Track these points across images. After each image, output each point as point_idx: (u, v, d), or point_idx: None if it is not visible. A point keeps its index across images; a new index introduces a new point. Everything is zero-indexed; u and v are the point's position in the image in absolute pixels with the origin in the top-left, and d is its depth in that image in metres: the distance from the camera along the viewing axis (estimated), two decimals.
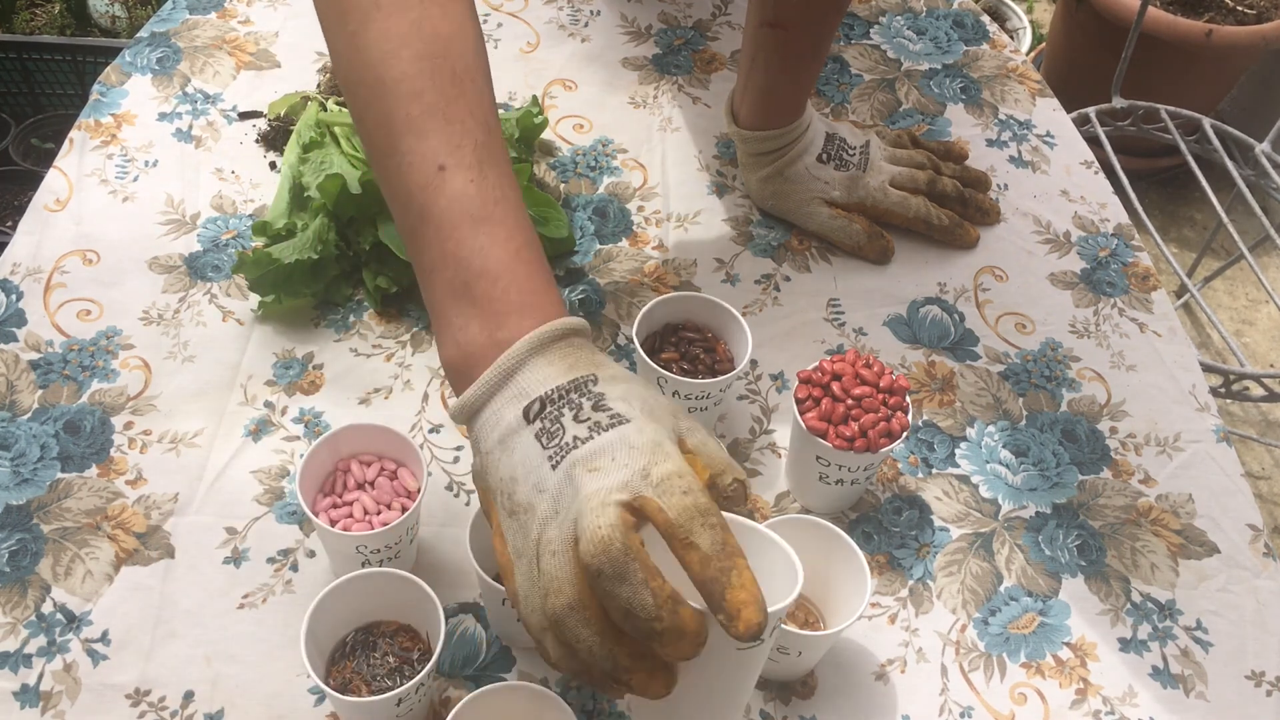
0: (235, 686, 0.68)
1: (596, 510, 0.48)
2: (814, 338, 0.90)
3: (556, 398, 0.52)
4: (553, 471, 0.51)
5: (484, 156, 0.56)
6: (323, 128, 0.91)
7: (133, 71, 1.03)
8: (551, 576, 0.49)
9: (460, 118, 0.56)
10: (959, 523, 0.79)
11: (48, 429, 0.78)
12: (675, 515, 0.48)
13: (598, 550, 0.48)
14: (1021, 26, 2.26)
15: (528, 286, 0.55)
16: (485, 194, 0.56)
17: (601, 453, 0.50)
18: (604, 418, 0.52)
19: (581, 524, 0.49)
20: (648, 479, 0.49)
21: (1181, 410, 0.87)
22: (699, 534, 0.48)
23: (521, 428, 0.53)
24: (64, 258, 0.88)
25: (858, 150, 0.96)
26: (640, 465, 0.50)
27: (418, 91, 0.56)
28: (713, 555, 0.48)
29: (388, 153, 0.57)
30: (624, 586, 0.47)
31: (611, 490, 0.49)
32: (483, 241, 0.55)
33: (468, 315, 0.55)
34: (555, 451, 0.51)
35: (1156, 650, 0.74)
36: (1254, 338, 1.93)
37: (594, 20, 1.13)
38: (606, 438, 0.51)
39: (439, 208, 0.55)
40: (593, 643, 0.49)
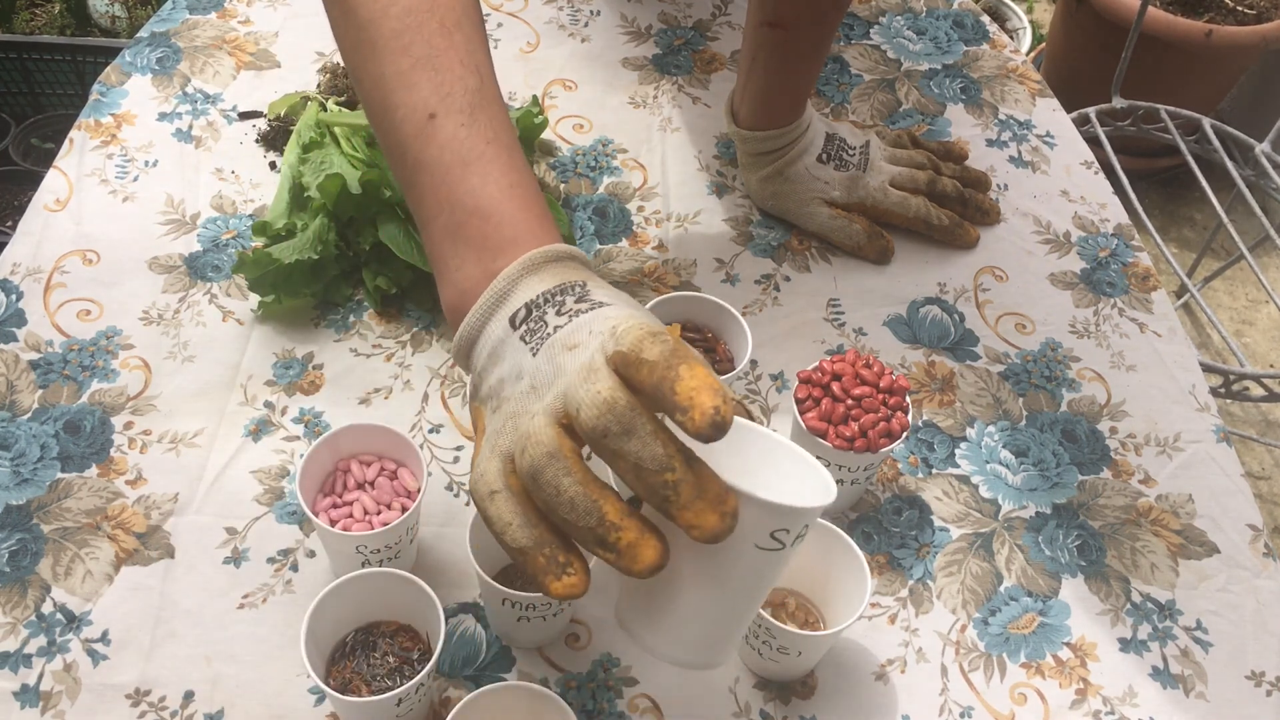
0: (235, 686, 0.68)
1: (586, 376, 0.46)
2: (814, 338, 0.90)
3: (541, 301, 0.51)
4: (532, 358, 0.49)
5: (475, 101, 0.56)
6: (323, 128, 0.91)
7: (133, 71, 1.03)
8: (526, 433, 0.47)
9: (449, 66, 0.56)
10: (959, 523, 0.79)
11: (48, 429, 0.78)
12: (630, 344, 0.46)
13: (603, 410, 0.45)
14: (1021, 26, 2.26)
15: (521, 219, 0.54)
16: (475, 136, 0.55)
17: (579, 330, 0.49)
18: (584, 306, 0.50)
19: (576, 396, 0.46)
20: (614, 334, 0.47)
21: (1181, 410, 0.87)
22: (648, 349, 0.45)
23: (508, 335, 0.51)
24: (64, 258, 0.88)
25: (858, 150, 0.96)
26: (610, 326, 0.48)
27: (405, 46, 0.57)
28: (660, 361, 0.45)
29: (384, 111, 0.57)
30: (633, 440, 0.45)
31: (594, 354, 0.47)
32: (474, 182, 0.55)
33: (463, 255, 0.54)
34: (536, 342, 0.50)
35: (1156, 650, 0.74)
36: (1254, 338, 1.93)
37: (594, 20, 1.13)
38: (584, 317, 0.49)
39: (430, 155, 0.55)
40: (575, 492, 0.45)
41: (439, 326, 0.87)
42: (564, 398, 0.47)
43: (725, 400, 0.43)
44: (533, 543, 0.47)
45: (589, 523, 0.45)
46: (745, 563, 0.49)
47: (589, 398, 0.45)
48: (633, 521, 0.46)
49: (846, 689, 0.71)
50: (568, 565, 0.47)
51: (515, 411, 0.49)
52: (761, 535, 0.48)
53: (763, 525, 0.48)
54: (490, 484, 0.48)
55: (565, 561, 0.47)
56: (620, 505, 0.46)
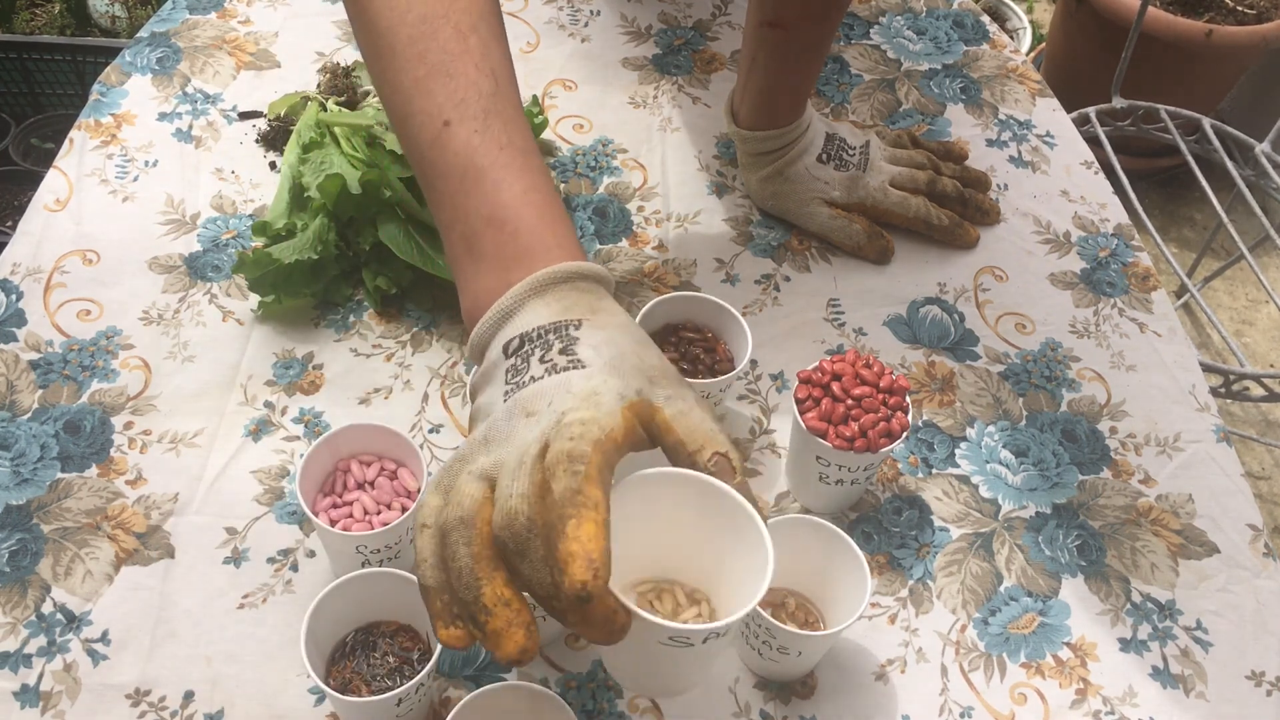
0: (235, 686, 0.68)
1: (513, 470, 0.47)
2: (814, 338, 0.90)
3: (535, 336, 0.52)
4: (502, 404, 0.51)
5: (489, 106, 0.56)
6: (323, 128, 0.91)
7: (133, 71, 1.03)
8: (460, 490, 0.48)
9: (463, 72, 0.57)
10: (959, 523, 0.79)
11: (48, 429, 0.78)
12: (549, 459, 0.47)
13: (504, 522, 0.46)
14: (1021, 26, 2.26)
15: (536, 227, 0.55)
16: (490, 142, 0.56)
17: (540, 395, 0.49)
18: (563, 361, 0.50)
19: (501, 483, 0.47)
20: (558, 425, 0.47)
21: (1181, 410, 0.87)
22: (558, 479, 0.46)
23: (500, 361, 0.52)
24: (64, 258, 0.88)
25: (858, 150, 0.96)
26: (562, 409, 0.48)
27: (421, 53, 0.57)
28: (558, 500, 0.45)
29: (402, 118, 0.58)
30: (524, 563, 0.46)
31: (531, 444, 0.47)
32: (488, 191, 0.55)
33: (478, 266, 0.55)
34: (512, 388, 0.51)
35: (1156, 650, 0.74)
36: (1254, 338, 1.93)
37: (594, 20, 1.13)
38: (552, 380, 0.50)
39: (446, 162, 0.56)
40: (465, 564, 0.47)
41: (439, 326, 0.87)
42: (496, 467, 0.48)
43: (595, 574, 0.44)
44: (436, 584, 0.48)
45: (467, 596, 0.47)
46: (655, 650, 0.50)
47: (503, 497, 0.46)
48: (505, 611, 0.46)
49: (846, 689, 0.71)
50: (459, 618, 0.48)
51: (464, 456, 0.50)
52: (662, 637, 0.49)
53: (661, 633, 0.48)
54: (424, 518, 0.49)
55: (458, 614, 0.48)
56: (501, 592, 0.46)
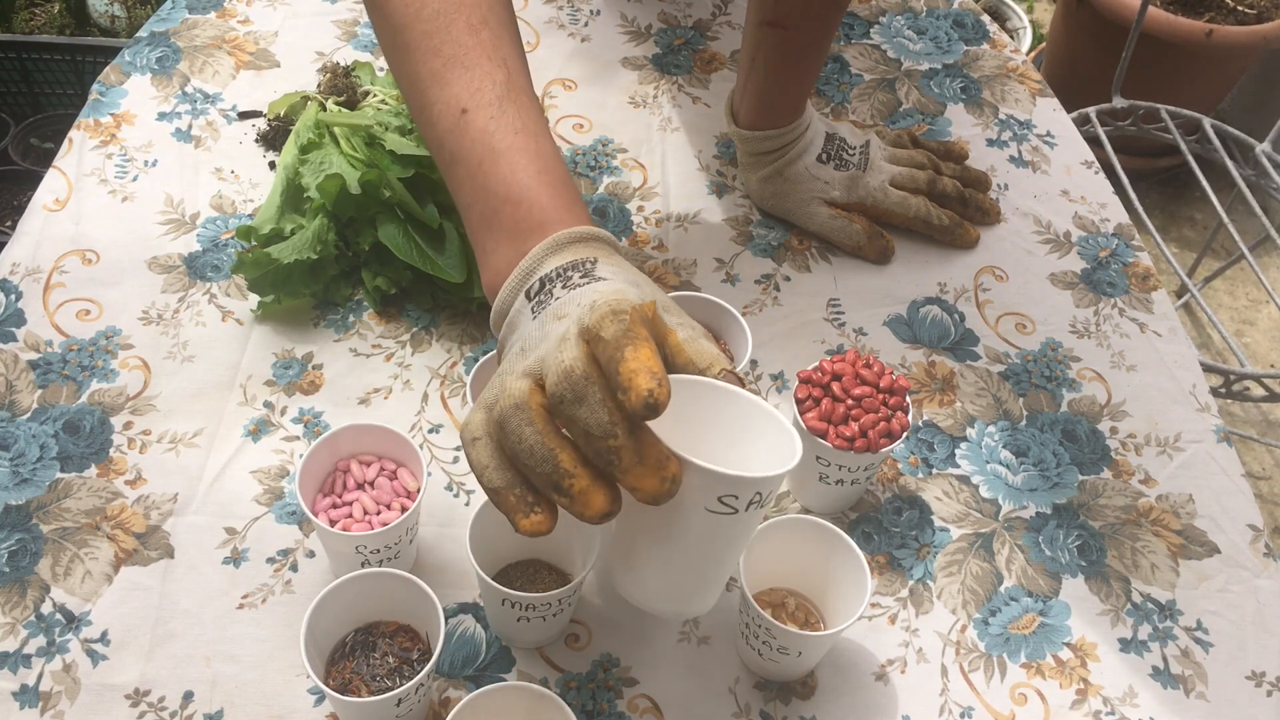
0: (235, 686, 0.68)
1: (559, 345, 0.50)
2: (814, 338, 0.90)
3: (554, 275, 0.55)
4: (531, 322, 0.54)
5: (503, 94, 0.60)
6: (321, 128, 0.91)
7: (132, 71, 1.02)
8: (503, 387, 0.51)
9: (477, 63, 0.61)
10: (959, 523, 0.79)
11: (47, 429, 0.78)
12: (592, 321, 0.50)
13: (561, 377, 0.49)
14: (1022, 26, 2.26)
15: (549, 203, 0.58)
16: (504, 128, 0.59)
17: (569, 302, 0.53)
18: (585, 281, 0.54)
19: (547, 361, 0.50)
20: (592, 307, 0.51)
21: (1182, 410, 0.87)
22: (606, 328, 0.49)
23: (524, 307, 0.56)
24: (63, 257, 0.88)
25: (858, 150, 0.96)
26: (591, 300, 0.52)
27: (436, 47, 0.61)
28: (612, 339, 0.48)
29: (421, 108, 0.62)
30: (582, 408, 0.48)
31: (569, 326, 0.51)
32: (504, 171, 0.59)
33: (497, 240, 0.59)
34: (537, 308, 0.55)
35: (1157, 650, 0.74)
36: (1254, 338, 1.93)
37: (594, 20, 1.13)
38: (577, 291, 0.54)
39: (464, 148, 0.60)
40: (534, 440, 0.50)
41: (438, 326, 0.87)
42: (540, 360, 0.51)
43: (660, 383, 0.47)
44: (505, 483, 0.51)
45: (545, 469, 0.50)
46: (697, 523, 0.52)
47: (554, 364, 0.50)
48: (585, 470, 0.49)
49: (846, 689, 0.71)
50: (535, 505, 0.51)
51: (504, 370, 0.53)
52: (709, 499, 0.51)
53: (709, 490, 0.51)
54: (473, 431, 0.53)
55: (533, 501, 0.51)
56: (575, 455, 0.50)
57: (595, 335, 0.49)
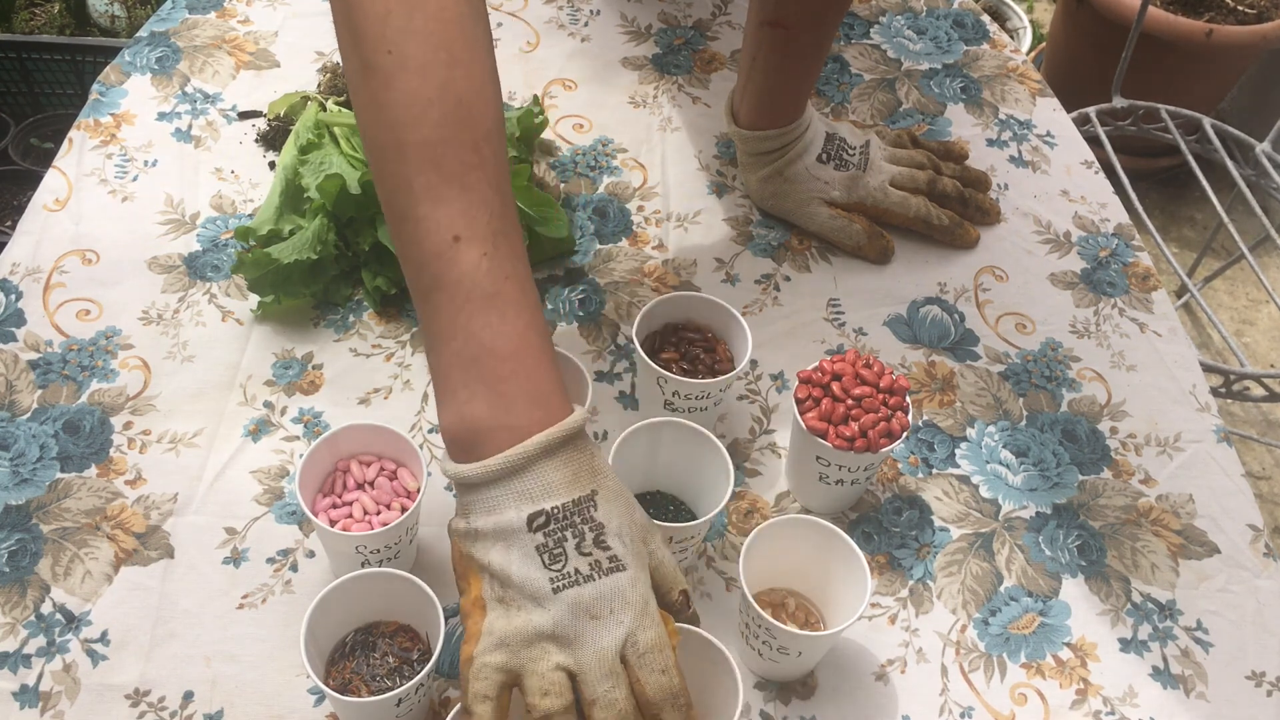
0: (235, 686, 0.68)
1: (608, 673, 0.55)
2: (814, 338, 0.90)
3: (561, 517, 0.56)
4: (554, 595, 0.56)
5: (498, 228, 0.57)
6: (321, 129, 0.91)
7: (132, 71, 1.02)
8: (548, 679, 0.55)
9: (477, 186, 0.57)
10: (959, 523, 0.79)
11: (47, 429, 0.78)
12: (652, 693, 0.55)
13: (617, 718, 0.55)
14: (1021, 26, 2.26)
15: (536, 372, 0.57)
16: (497, 269, 0.57)
17: (601, 600, 0.56)
18: (604, 558, 0.56)
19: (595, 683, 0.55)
20: (635, 646, 0.56)
21: (1182, 410, 0.87)
22: (668, 713, 0.56)
23: (522, 532, 0.56)
24: (63, 257, 0.88)
25: (858, 150, 0.96)
26: (631, 627, 0.56)
27: (437, 160, 0.57)
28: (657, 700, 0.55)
29: (404, 217, 0.58)
30: None
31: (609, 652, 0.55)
32: (492, 318, 0.57)
33: (474, 390, 0.57)
34: (557, 577, 0.56)
35: (1157, 650, 0.74)
36: (1254, 338, 1.93)
37: (594, 20, 1.13)
38: (606, 584, 0.56)
39: (451, 279, 0.57)
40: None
41: None
42: (579, 667, 0.55)
43: None
44: None
45: None
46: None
47: (606, 699, 0.55)
48: None
49: (846, 689, 0.71)
50: None
51: (530, 640, 0.56)
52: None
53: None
54: (486, 690, 0.56)
55: None
56: None
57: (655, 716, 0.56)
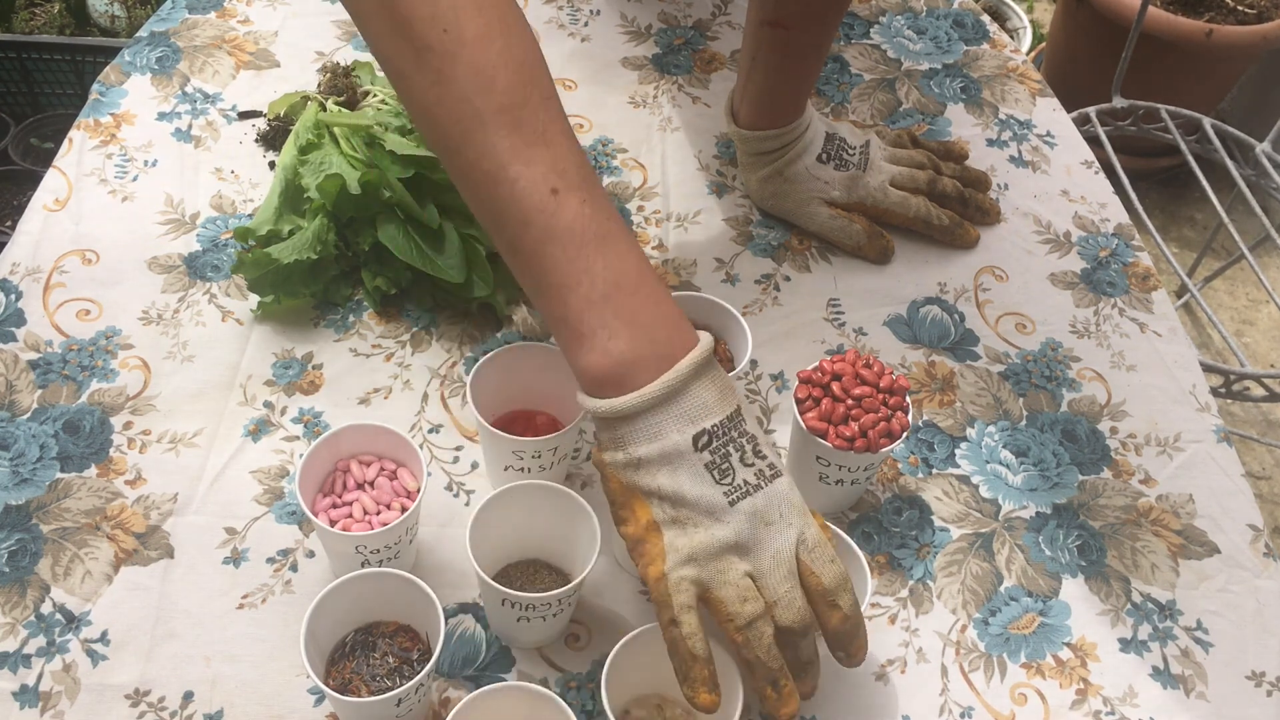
0: (235, 686, 0.68)
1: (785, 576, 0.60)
2: (814, 338, 0.90)
3: (721, 434, 0.60)
4: (730, 508, 0.59)
5: (586, 175, 0.61)
6: (321, 129, 0.91)
7: (132, 71, 1.02)
8: (740, 586, 0.59)
9: (557, 139, 0.60)
10: (959, 523, 0.79)
11: (47, 429, 0.78)
12: (829, 582, 0.60)
13: (800, 618, 0.60)
14: (1022, 26, 2.26)
15: (663, 300, 0.61)
16: (599, 212, 0.60)
17: (771, 506, 0.60)
18: (764, 467, 0.61)
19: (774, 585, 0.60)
20: (805, 544, 0.61)
21: (1182, 410, 0.87)
22: (843, 598, 0.61)
23: (689, 452, 0.59)
24: (63, 257, 0.88)
25: (858, 150, 0.96)
26: (799, 527, 0.61)
27: (516, 122, 0.59)
28: (850, 614, 0.61)
29: (496, 182, 0.59)
30: (804, 640, 0.61)
31: (786, 552, 0.60)
32: (611, 258, 0.59)
33: (612, 327, 0.59)
34: (730, 490, 0.60)
35: (1157, 650, 0.74)
36: (1254, 338, 1.93)
37: (594, 20, 1.13)
38: (772, 490, 0.61)
39: (561, 228, 0.59)
40: (770, 643, 0.60)
41: (438, 326, 0.87)
42: (759, 572, 0.60)
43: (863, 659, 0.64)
44: (706, 656, 0.60)
45: (773, 666, 0.60)
46: None
47: (787, 599, 0.60)
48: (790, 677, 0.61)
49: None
50: (716, 686, 0.60)
51: (716, 554, 0.59)
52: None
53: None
54: (688, 600, 0.59)
55: (716, 683, 0.60)
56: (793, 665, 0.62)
57: (830, 600, 0.60)
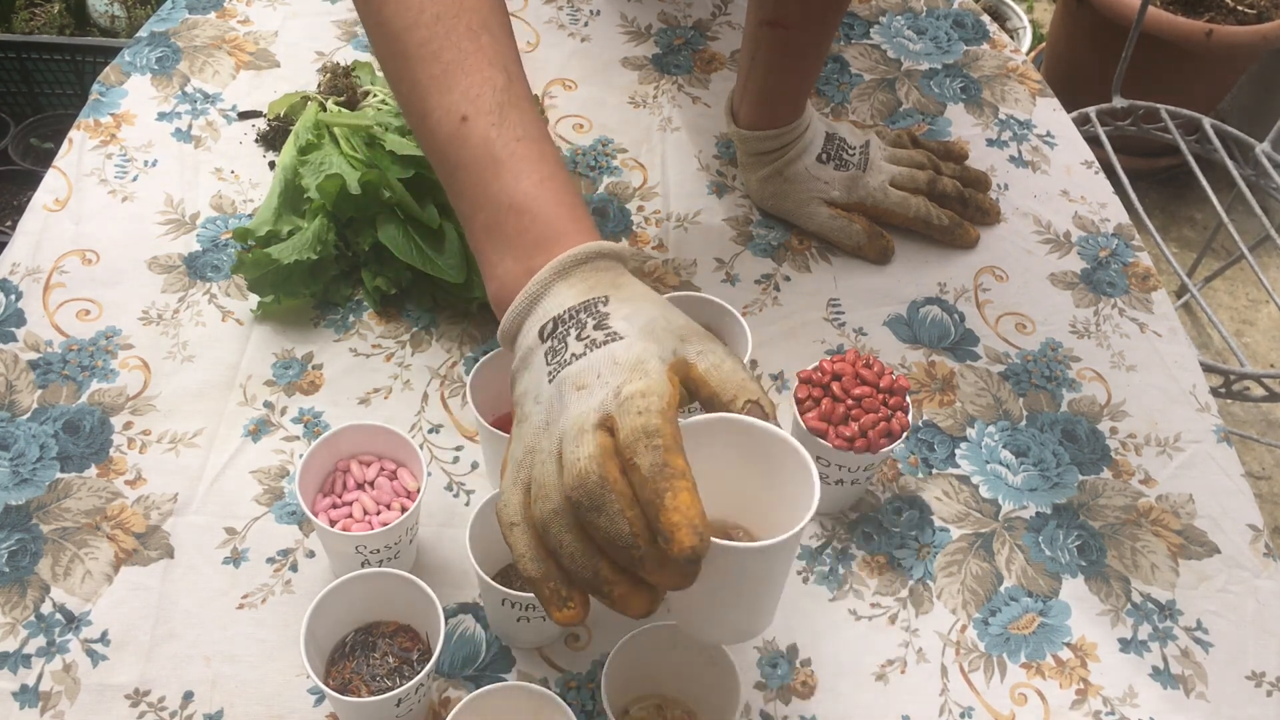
0: (235, 686, 0.68)
1: (574, 438, 0.50)
2: (814, 338, 0.90)
3: (567, 317, 0.55)
4: (549, 385, 0.53)
5: (503, 100, 0.59)
6: (321, 129, 0.91)
7: (132, 71, 1.02)
8: (540, 483, 0.51)
9: (477, 68, 0.60)
10: (959, 523, 0.79)
11: (47, 429, 0.78)
12: (624, 436, 0.49)
13: (575, 483, 0.49)
14: (1021, 26, 2.26)
15: (555, 214, 0.58)
16: (505, 135, 0.59)
17: (588, 370, 0.52)
18: (600, 335, 0.53)
19: (564, 450, 0.50)
20: (618, 397, 0.50)
21: (1182, 410, 0.87)
22: (641, 455, 0.48)
23: (536, 346, 0.55)
24: (63, 257, 0.88)
25: (857, 150, 0.96)
26: (616, 383, 0.51)
27: (435, 53, 0.60)
28: (649, 477, 0.48)
29: (420, 116, 0.61)
30: (601, 516, 0.49)
31: (589, 413, 0.50)
32: (507, 180, 0.58)
33: (501, 251, 0.58)
34: (555, 368, 0.54)
35: (1157, 650, 0.74)
36: (1254, 338, 1.93)
37: (594, 20, 1.13)
38: (596, 355, 0.52)
39: (465, 156, 0.59)
40: (575, 549, 0.50)
41: (438, 326, 0.87)
42: (560, 444, 0.51)
43: (701, 538, 0.47)
44: (541, 575, 0.52)
45: (585, 575, 0.50)
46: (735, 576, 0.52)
47: (570, 461, 0.50)
48: (625, 577, 0.50)
49: (846, 689, 0.71)
50: (569, 599, 0.52)
51: (531, 446, 0.53)
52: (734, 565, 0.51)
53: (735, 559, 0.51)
54: (511, 516, 0.53)
55: (566, 595, 0.52)
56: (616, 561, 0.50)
57: (628, 459, 0.49)
